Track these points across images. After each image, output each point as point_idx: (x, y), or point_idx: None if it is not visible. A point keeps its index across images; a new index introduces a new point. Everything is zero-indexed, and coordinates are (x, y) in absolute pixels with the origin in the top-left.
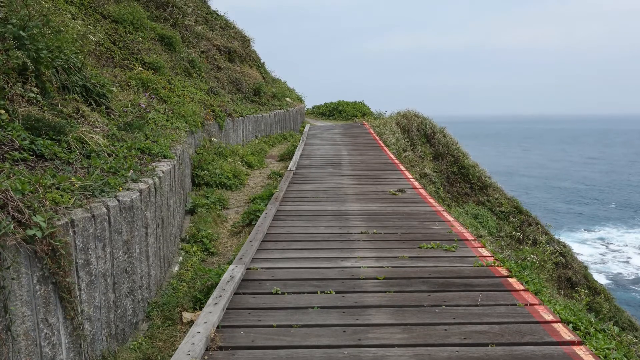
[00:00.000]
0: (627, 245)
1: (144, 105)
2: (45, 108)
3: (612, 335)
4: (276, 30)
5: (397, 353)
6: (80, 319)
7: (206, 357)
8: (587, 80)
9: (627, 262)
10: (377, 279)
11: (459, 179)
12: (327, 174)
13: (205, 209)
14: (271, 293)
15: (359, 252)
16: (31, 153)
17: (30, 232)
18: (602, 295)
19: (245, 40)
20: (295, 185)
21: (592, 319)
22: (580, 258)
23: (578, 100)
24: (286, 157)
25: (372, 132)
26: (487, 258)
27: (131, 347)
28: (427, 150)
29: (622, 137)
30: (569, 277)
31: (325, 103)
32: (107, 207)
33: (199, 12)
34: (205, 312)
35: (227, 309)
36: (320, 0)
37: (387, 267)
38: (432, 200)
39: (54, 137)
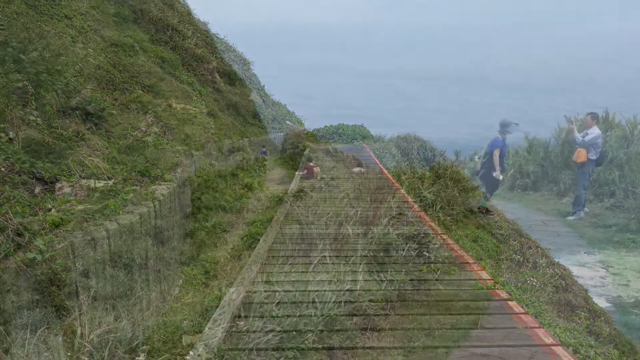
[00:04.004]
0: (627, 269)
1: (144, 129)
2: (45, 131)
3: (612, 358)
4: (276, 53)
5: None
6: (80, 341)
7: None
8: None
9: (627, 285)
10: (378, 301)
11: (459, 201)
12: (327, 196)
13: (205, 232)
14: (271, 316)
15: (359, 274)
16: (31, 176)
17: (30, 255)
18: (602, 318)
19: (245, 63)
20: (295, 209)
21: (592, 342)
22: (580, 281)
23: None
24: (286, 180)
25: (372, 155)
26: (487, 281)
27: None
28: (427, 173)
29: None
30: (569, 300)
31: (325, 126)
32: (107, 230)
33: (198, 35)
34: (204, 335)
35: (226, 331)
36: (321, 24)
37: (387, 289)
38: (432, 224)
39: (54, 160)
